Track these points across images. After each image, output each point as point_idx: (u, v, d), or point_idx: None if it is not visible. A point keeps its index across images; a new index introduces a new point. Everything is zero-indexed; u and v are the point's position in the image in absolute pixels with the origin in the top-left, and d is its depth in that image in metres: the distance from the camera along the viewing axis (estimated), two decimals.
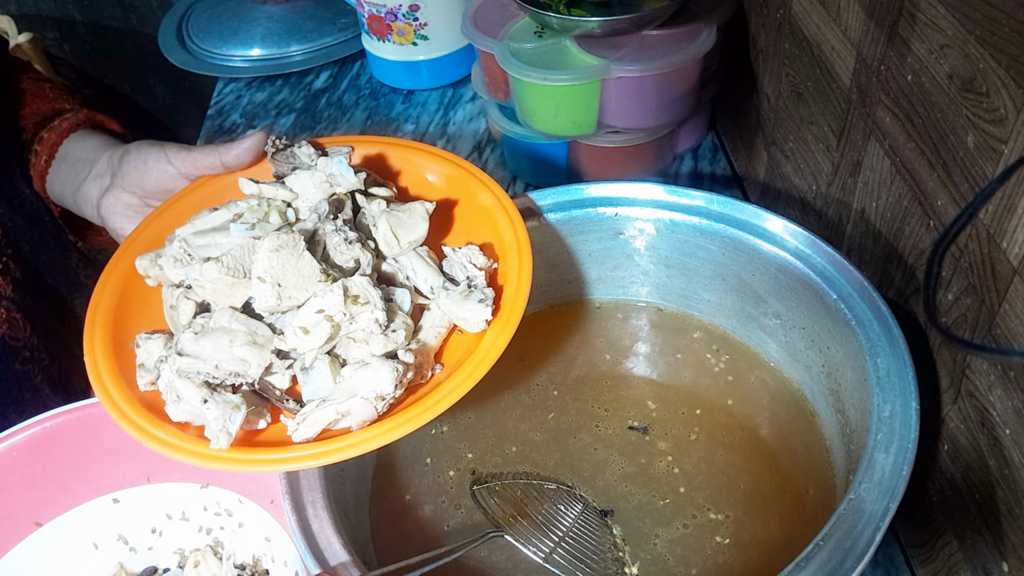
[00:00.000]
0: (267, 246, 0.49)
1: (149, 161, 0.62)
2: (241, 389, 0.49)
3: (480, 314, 0.50)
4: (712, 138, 0.97)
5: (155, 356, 0.51)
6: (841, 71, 0.61)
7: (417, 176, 0.61)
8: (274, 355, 0.49)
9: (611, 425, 0.63)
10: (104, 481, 0.60)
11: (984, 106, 0.43)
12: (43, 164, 0.72)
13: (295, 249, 0.49)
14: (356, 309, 0.49)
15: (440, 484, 0.61)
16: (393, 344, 0.49)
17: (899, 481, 0.45)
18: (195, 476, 0.60)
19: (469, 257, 0.53)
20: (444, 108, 1.08)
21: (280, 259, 0.49)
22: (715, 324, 0.68)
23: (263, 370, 0.49)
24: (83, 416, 0.59)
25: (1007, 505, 0.47)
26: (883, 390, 0.49)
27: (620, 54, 0.79)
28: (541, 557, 0.53)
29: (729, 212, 0.62)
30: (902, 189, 0.54)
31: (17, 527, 0.59)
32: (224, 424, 0.46)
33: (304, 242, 0.50)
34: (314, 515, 0.49)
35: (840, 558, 0.42)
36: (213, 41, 1.22)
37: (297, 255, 0.49)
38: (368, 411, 0.47)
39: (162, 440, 0.48)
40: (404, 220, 0.54)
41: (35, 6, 1.67)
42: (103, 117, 0.75)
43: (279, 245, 0.49)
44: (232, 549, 0.60)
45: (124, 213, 0.64)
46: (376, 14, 1.03)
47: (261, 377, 0.49)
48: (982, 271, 0.45)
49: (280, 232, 0.49)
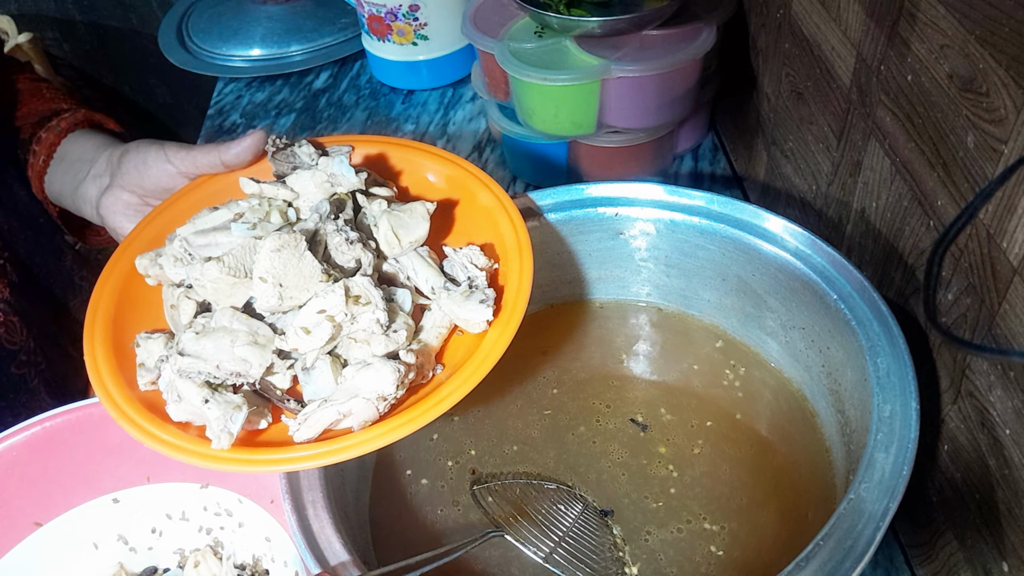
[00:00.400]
0: (269, 246, 0.49)
1: (149, 160, 0.62)
2: (242, 389, 0.49)
3: (481, 314, 0.50)
4: (712, 138, 0.97)
5: (155, 356, 0.51)
6: (841, 71, 0.61)
7: (418, 176, 0.61)
8: (275, 355, 0.49)
9: (610, 425, 0.63)
10: (104, 481, 0.60)
11: (984, 106, 0.43)
12: (41, 164, 0.72)
13: (296, 249, 0.49)
14: (357, 309, 0.49)
15: (440, 484, 0.61)
16: (394, 344, 0.49)
17: (899, 481, 0.45)
18: (195, 476, 0.60)
19: (470, 257, 0.53)
20: (444, 108, 1.08)
21: (282, 259, 0.49)
22: (715, 324, 0.68)
23: (264, 370, 0.49)
24: (83, 416, 0.59)
25: (1007, 505, 0.47)
26: (883, 390, 0.49)
27: (620, 54, 0.79)
28: (541, 557, 0.53)
29: (729, 212, 0.62)
30: (902, 189, 0.54)
31: (17, 527, 0.59)
32: (225, 424, 0.46)
33: (305, 242, 0.50)
34: (314, 515, 0.49)
35: (840, 558, 0.42)
36: (213, 41, 1.22)
37: (299, 255, 0.49)
38: (370, 411, 0.47)
39: (163, 440, 0.48)
40: (405, 220, 0.54)
41: (35, 6, 1.67)
42: (101, 117, 0.75)
43: (281, 245, 0.49)
44: (232, 549, 0.60)
45: (123, 212, 0.64)
46: (376, 14, 1.03)
47: (262, 377, 0.49)
48: (982, 271, 0.45)
49: (282, 232, 0.49)
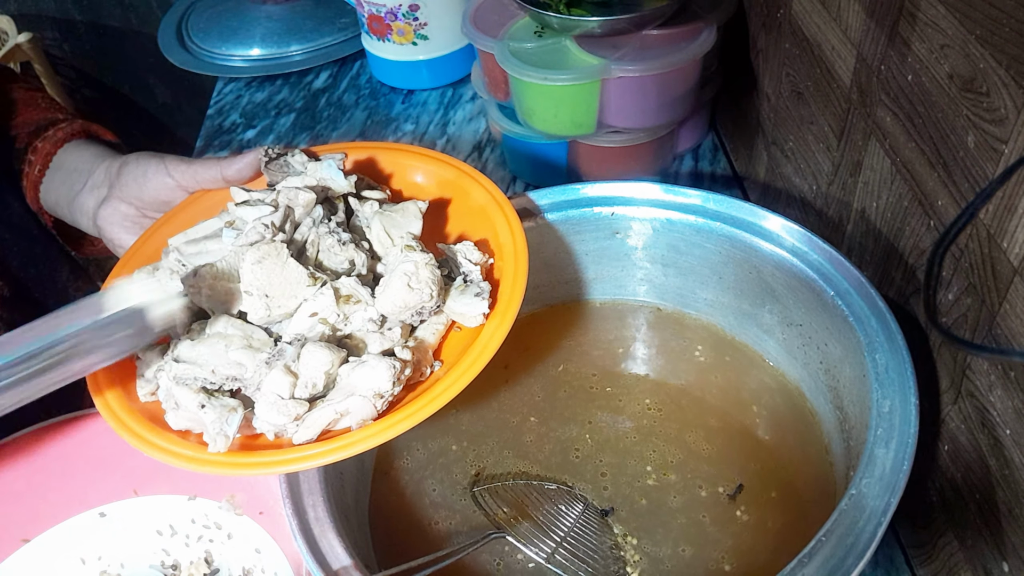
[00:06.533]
0: (249, 259, 0.49)
1: (149, 173, 0.62)
2: (240, 393, 0.49)
3: (477, 308, 0.50)
4: (712, 138, 0.97)
5: (155, 366, 0.51)
6: (841, 71, 0.61)
7: (410, 178, 0.61)
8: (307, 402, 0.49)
9: (609, 424, 0.63)
10: (90, 495, 0.60)
11: (984, 106, 0.43)
12: (36, 173, 0.71)
13: (279, 258, 0.49)
14: (349, 309, 0.49)
15: (441, 486, 0.61)
16: (390, 342, 0.50)
17: (900, 476, 0.45)
18: (182, 488, 0.60)
19: (464, 253, 0.53)
20: (444, 108, 1.08)
21: (264, 270, 0.49)
22: (713, 322, 0.68)
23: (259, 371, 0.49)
24: (68, 429, 0.58)
25: (1007, 505, 0.47)
26: (882, 386, 0.49)
27: (620, 54, 0.79)
28: (543, 558, 0.53)
29: (726, 210, 0.62)
30: (902, 189, 0.54)
31: (3, 544, 0.58)
32: (221, 427, 0.46)
33: (287, 249, 0.49)
34: (315, 518, 0.49)
35: (842, 554, 0.42)
36: (213, 41, 1.22)
37: (281, 263, 0.49)
38: (367, 409, 0.47)
39: (160, 447, 0.47)
40: (397, 220, 0.54)
41: (35, 6, 1.67)
42: (98, 127, 0.75)
43: (261, 257, 0.49)
44: (222, 561, 0.60)
45: (121, 224, 0.63)
46: (376, 14, 1.03)
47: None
48: (982, 271, 0.45)
49: (260, 244, 0.49)
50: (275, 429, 0.47)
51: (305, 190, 0.53)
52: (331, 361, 0.47)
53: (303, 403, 0.47)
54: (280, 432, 0.47)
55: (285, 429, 0.47)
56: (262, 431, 0.47)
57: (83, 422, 0.58)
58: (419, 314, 0.50)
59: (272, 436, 0.47)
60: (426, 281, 0.49)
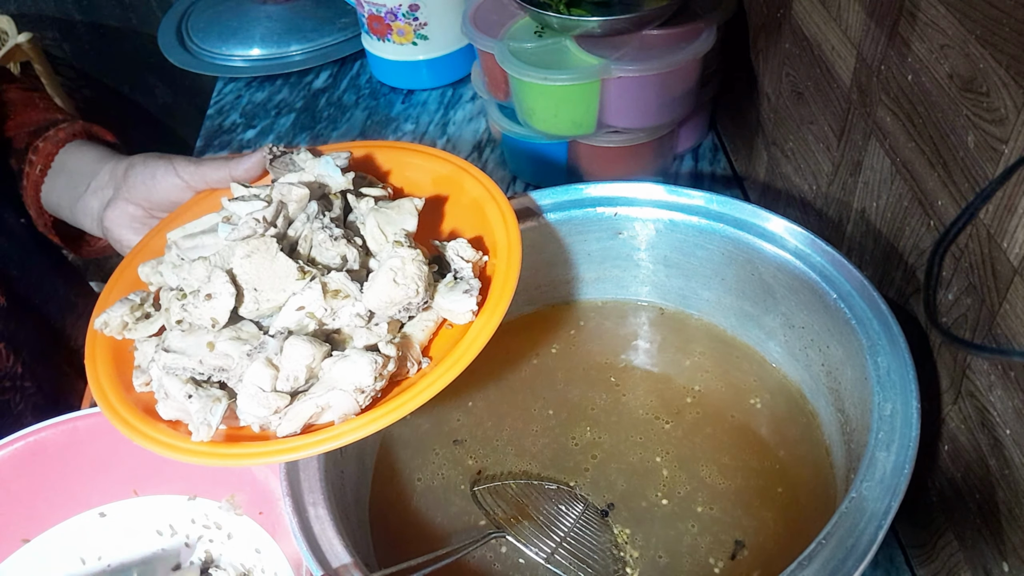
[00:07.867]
0: (238, 253, 0.49)
1: (157, 174, 0.62)
2: (228, 385, 0.49)
3: (465, 304, 0.50)
4: (712, 138, 0.97)
5: (150, 357, 0.51)
6: (841, 71, 0.61)
7: (407, 175, 0.62)
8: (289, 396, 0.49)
9: (610, 424, 0.63)
10: (90, 495, 0.60)
11: (984, 106, 0.43)
12: (38, 174, 0.71)
13: (268, 252, 0.50)
14: (337, 303, 0.50)
15: (441, 485, 0.61)
16: (376, 337, 0.50)
17: (901, 479, 0.45)
18: (182, 488, 0.60)
19: (457, 250, 0.53)
20: (444, 108, 1.08)
21: (253, 264, 0.49)
22: (714, 323, 0.68)
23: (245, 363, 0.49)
24: (68, 429, 0.58)
25: (1007, 505, 0.47)
26: (884, 388, 0.49)
27: (620, 54, 0.79)
28: (543, 557, 0.53)
29: (728, 212, 0.62)
30: (902, 189, 0.54)
31: (3, 544, 0.59)
32: (205, 416, 0.46)
33: (277, 243, 0.50)
34: (315, 516, 0.49)
35: (843, 556, 0.42)
36: (213, 41, 1.22)
37: (271, 257, 0.50)
38: (349, 404, 0.47)
39: (146, 435, 0.48)
40: (392, 217, 0.54)
41: (35, 6, 1.67)
42: (99, 128, 0.75)
43: (250, 251, 0.49)
44: (222, 561, 0.60)
45: (129, 225, 0.64)
46: (376, 14, 1.03)
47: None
48: (982, 271, 0.45)
49: (249, 239, 0.50)
50: (259, 421, 0.47)
51: (299, 186, 0.53)
52: (312, 355, 0.47)
53: (284, 396, 0.47)
54: (265, 425, 0.48)
55: (269, 422, 0.47)
56: (247, 423, 0.48)
57: (83, 422, 0.58)
58: (406, 310, 0.50)
59: (257, 428, 0.48)
60: (412, 277, 0.49)
